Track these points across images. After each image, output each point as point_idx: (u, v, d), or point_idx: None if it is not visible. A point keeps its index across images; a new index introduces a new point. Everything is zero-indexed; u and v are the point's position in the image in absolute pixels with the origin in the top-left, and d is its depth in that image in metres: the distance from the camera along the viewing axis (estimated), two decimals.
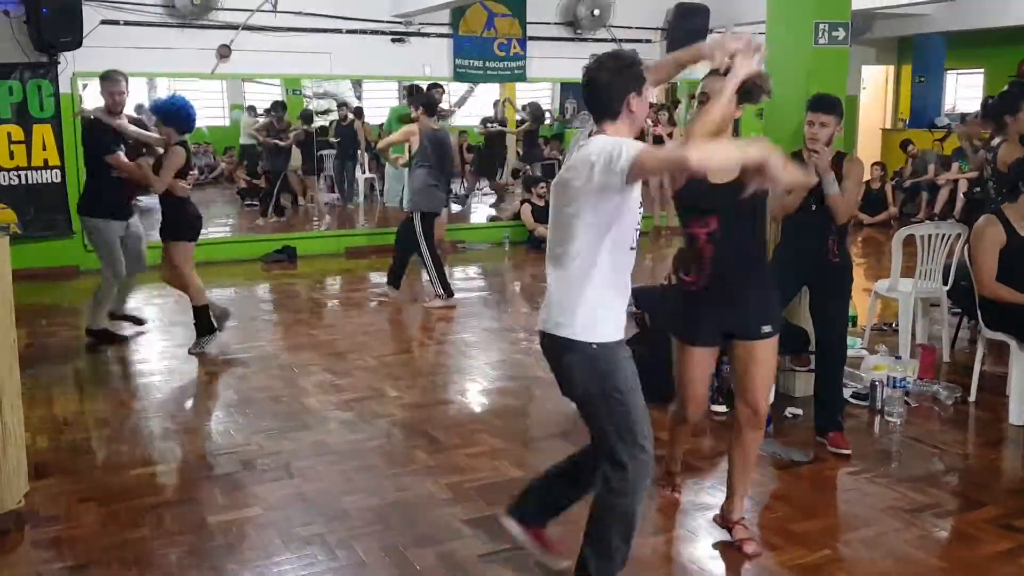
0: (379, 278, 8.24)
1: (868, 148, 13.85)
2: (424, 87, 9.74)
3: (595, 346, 2.65)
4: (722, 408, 4.72)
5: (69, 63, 8.51)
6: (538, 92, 15.74)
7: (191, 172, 5.94)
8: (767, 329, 3.22)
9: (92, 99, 12.46)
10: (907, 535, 3.46)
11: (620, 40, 10.78)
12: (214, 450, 4.34)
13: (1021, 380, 4.62)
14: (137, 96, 14.33)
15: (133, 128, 6.17)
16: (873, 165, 12.53)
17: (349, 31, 9.62)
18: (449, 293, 7.43)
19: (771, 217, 4.81)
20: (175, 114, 5.78)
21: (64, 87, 8.55)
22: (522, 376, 5.58)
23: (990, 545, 3.37)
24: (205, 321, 5.94)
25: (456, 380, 5.68)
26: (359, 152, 13.19)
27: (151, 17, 8.84)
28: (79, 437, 4.48)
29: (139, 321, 6.60)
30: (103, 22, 8.55)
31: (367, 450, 4.28)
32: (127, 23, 8.71)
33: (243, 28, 9.14)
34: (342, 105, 13.55)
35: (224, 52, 9.12)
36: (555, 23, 10.76)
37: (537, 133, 12.70)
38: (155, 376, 5.55)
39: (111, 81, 6.02)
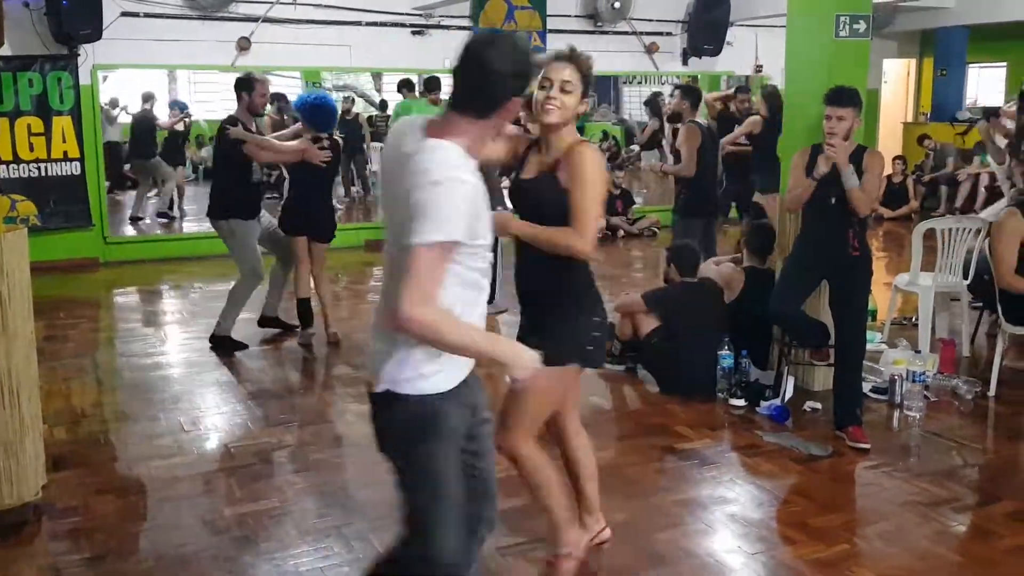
0: None
1: (889, 142, 13.72)
2: (439, 79, 9.74)
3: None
4: (740, 402, 4.70)
5: (89, 55, 8.55)
6: None
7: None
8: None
9: (111, 91, 12.62)
10: (925, 530, 3.44)
11: (641, 33, 10.74)
12: (231, 442, 4.36)
13: None
14: (159, 89, 14.40)
15: (272, 142, 5.92)
16: (894, 159, 12.41)
17: (369, 23, 9.63)
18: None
19: (786, 209, 4.81)
20: (310, 114, 5.74)
21: (84, 79, 8.59)
22: None
23: (1007, 540, 3.34)
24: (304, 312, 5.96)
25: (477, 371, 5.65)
26: (365, 146, 13.17)
27: (171, 9, 8.88)
28: (96, 429, 4.51)
29: (287, 327, 6.22)
30: (123, 14, 8.59)
31: None
32: (147, 15, 8.74)
33: (263, 20, 9.16)
34: (347, 98, 13.54)
35: (244, 44, 9.15)
36: (575, 16, 10.72)
37: None
38: (173, 368, 5.58)
39: (260, 83, 5.88)
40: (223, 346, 5.83)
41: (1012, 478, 4.02)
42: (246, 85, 5.82)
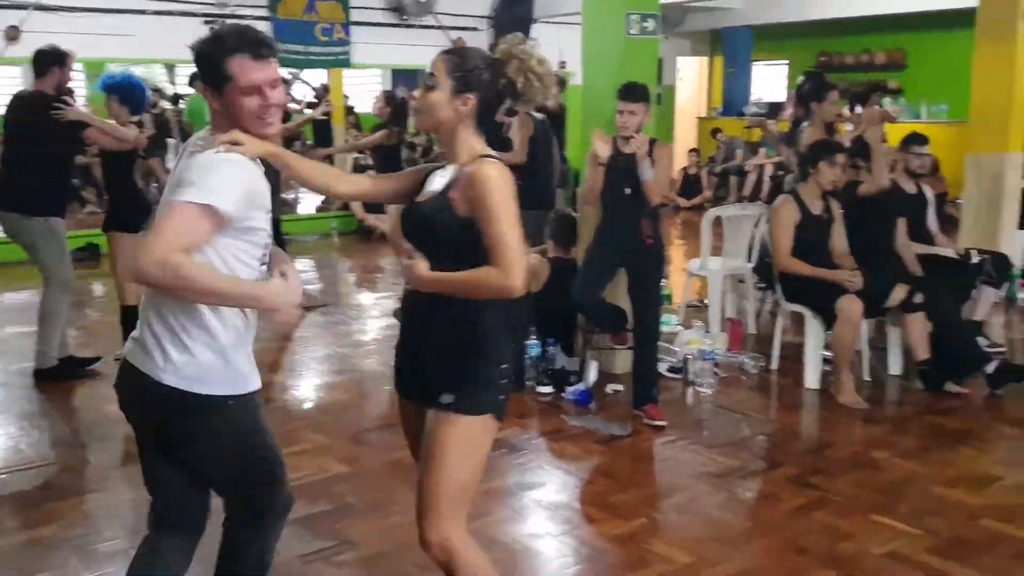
0: None
1: (685, 136, 14.56)
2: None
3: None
4: (548, 389, 4.85)
5: None
6: (367, 79, 15.56)
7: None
8: (447, 399, 2.24)
9: None
10: (716, 498, 3.68)
11: (447, 27, 10.80)
12: (3, 468, 4.02)
13: (814, 347, 5.00)
14: None
15: (114, 125, 5.17)
16: (689, 152, 13.18)
17: (156, 12, 9.10)
18: None
19: (582, 201, 5.00)
20: (130, 92, 5.16)
21: None
22: (350, 370, 5.50)
23: (788, 502, 3.64)
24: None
25: (279, 377, 5.51)
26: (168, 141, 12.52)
27: None
28: None
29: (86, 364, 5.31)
30: None
31: None
32: None
33: (34, 8, 8.47)
34: (155, 91, 12.84)
35: (12, 34, 8.39)
36: (380, 8, 10.63)
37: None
38: None
39: (71, 56, 5.11)
40: (60, 375, 5.09)
41: (793, 444, 4.38)
42: (58, 58, 5.02)
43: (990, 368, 4.89)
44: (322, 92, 12.13)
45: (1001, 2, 6.69)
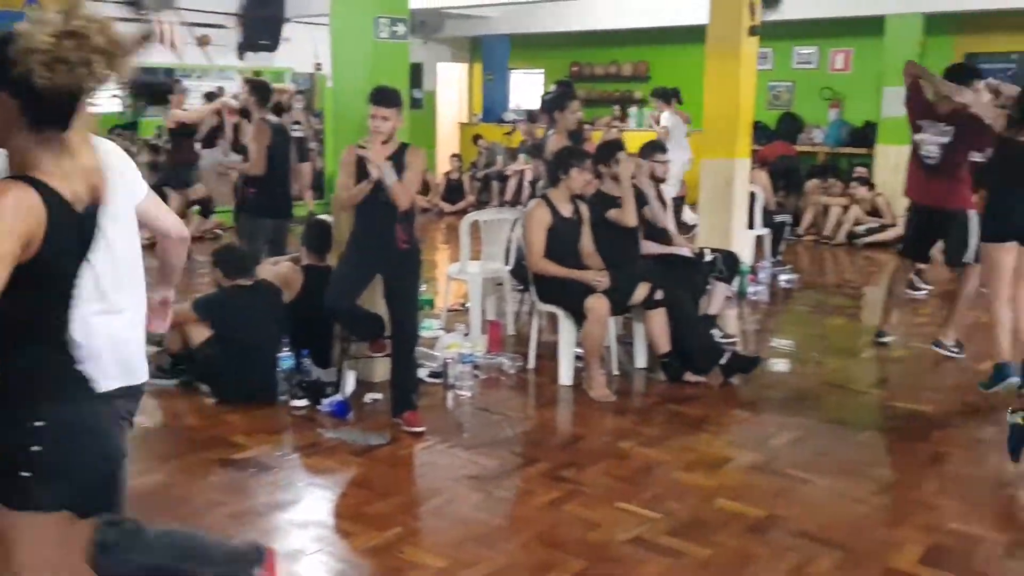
0: None
1: (448, 141, 14.74)
2: None
3: None
4: (302, 402, 4.68)
5: None
6: None
7: None
8: None
9: None
10: (473, 499, 3.70)
11: (191, 24, 10.24)
12: None
13: (567, 346, 5.18)
14: None
15: None
16: (452, 157, 13.35)
17: None
18: None
19: (336, 207, 4.89)
20: None
21: None
22: None
23: (542, 497, 3.72)
24: None
25: None
26: None
27: None
28: None
29: None
30: None
31: None
32: None
33: None
34: None
35: None
36: (115, 2, 9.88)
37: None
38: None
39: None
40: None
41: (548, 440, 4.51)
42: None
43: (724, 359, 5.28)
44: None
45: (727, 20, 7.31)
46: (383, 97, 4.39)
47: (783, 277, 8.09)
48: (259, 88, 6.46)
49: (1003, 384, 4.87)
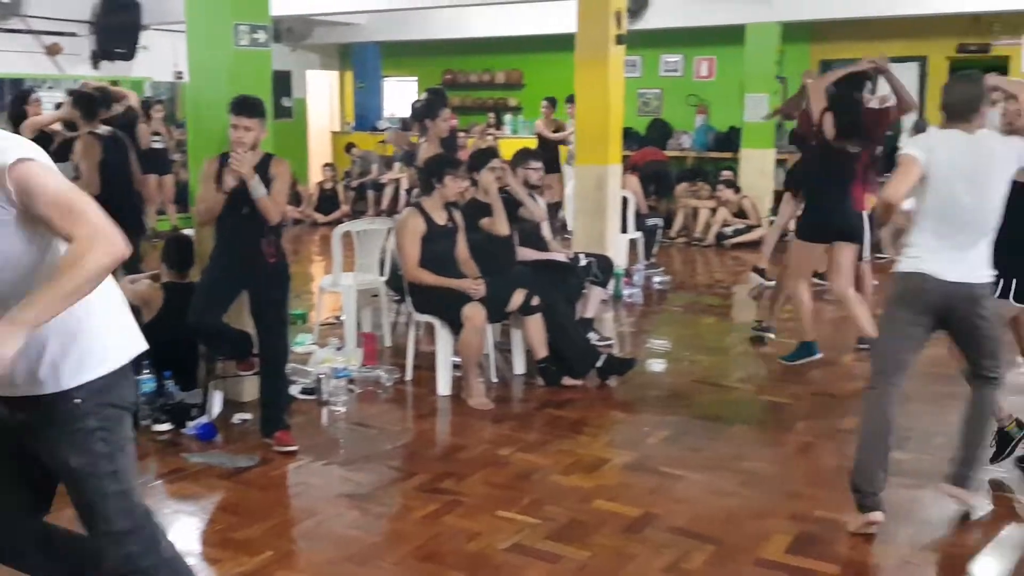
0: None
1: (320, 150, 14.47)
2: None
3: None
4: (166, 426, 4.44)
5: None
6: None
7: None
8: None
9: None
10: (348, 517, 3.60)
11: (40, 32, 9.69)
12: None
13: (445, 355, 5.13)
14: None
15: None
16: (324, 166, 13.11)
17: None
18: None
19: (197, 222, 4.70)
20: None
21: None
22: None
23: (420, 510, 3.65)
24: None
25: None
26: None
27: None
28: None
29: None
30: None
31: None
32: None
33: None
34: None
35: None
36: None
37: None
38: None
39: None
40: None
41: (426, 452, 4.44)
42: None
43: (600, 361, 5.34)
44: None
45: (594, 29, 7.43)
46: (245, 107, 4.25)
47: (656, 279, 8.30)
48: (82, 100, 6.04)
49: (806, 360, 5.71)
